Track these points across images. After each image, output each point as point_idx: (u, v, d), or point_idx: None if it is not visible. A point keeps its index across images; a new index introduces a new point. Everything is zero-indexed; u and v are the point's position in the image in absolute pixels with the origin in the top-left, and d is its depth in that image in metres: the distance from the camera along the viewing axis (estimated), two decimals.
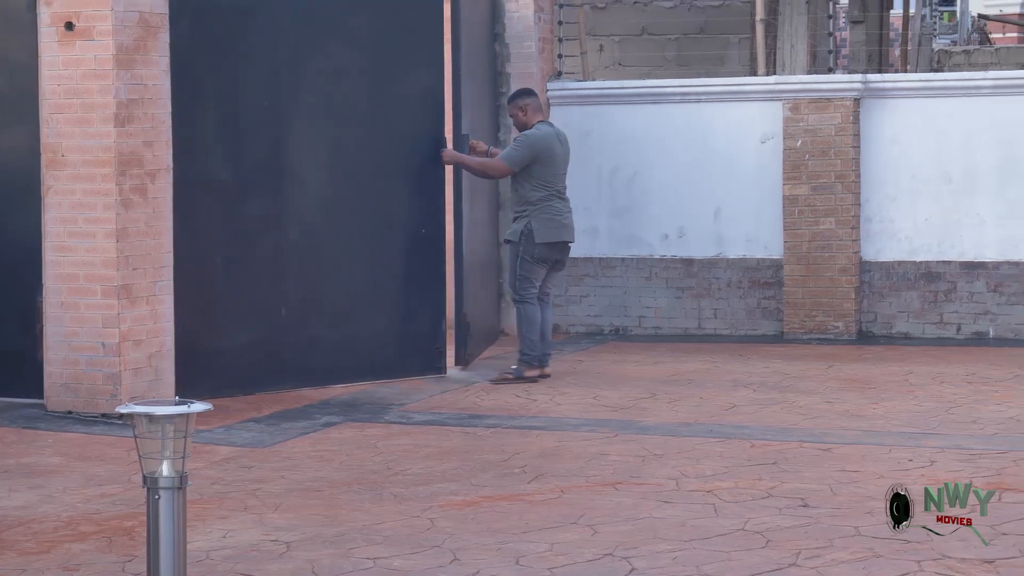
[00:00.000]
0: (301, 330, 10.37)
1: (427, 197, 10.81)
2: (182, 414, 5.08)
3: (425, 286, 10.81)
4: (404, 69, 10.73)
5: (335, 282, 10.51)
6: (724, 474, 7.70)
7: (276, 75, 10.20)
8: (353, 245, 10.57)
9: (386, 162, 10.67)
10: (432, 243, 10.83)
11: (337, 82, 10.49)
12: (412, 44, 10.76)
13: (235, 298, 10.06)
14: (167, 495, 5.11)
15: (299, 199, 10.39)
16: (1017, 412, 9.36)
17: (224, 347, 10.01)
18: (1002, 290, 12.51)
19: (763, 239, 12.96)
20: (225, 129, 10.02)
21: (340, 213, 10.52)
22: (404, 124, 10.73)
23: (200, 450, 8.18)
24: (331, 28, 10.47)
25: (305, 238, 10.38)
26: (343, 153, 10.53)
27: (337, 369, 10.48)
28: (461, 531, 6.65)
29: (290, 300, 10.32)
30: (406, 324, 10.80)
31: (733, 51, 16.71)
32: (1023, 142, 12.44)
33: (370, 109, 10.60)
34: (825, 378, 10.79)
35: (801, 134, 12.72)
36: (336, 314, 10.53)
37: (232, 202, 10.05)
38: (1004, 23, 29.92)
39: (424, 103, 10.81)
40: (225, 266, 10.02)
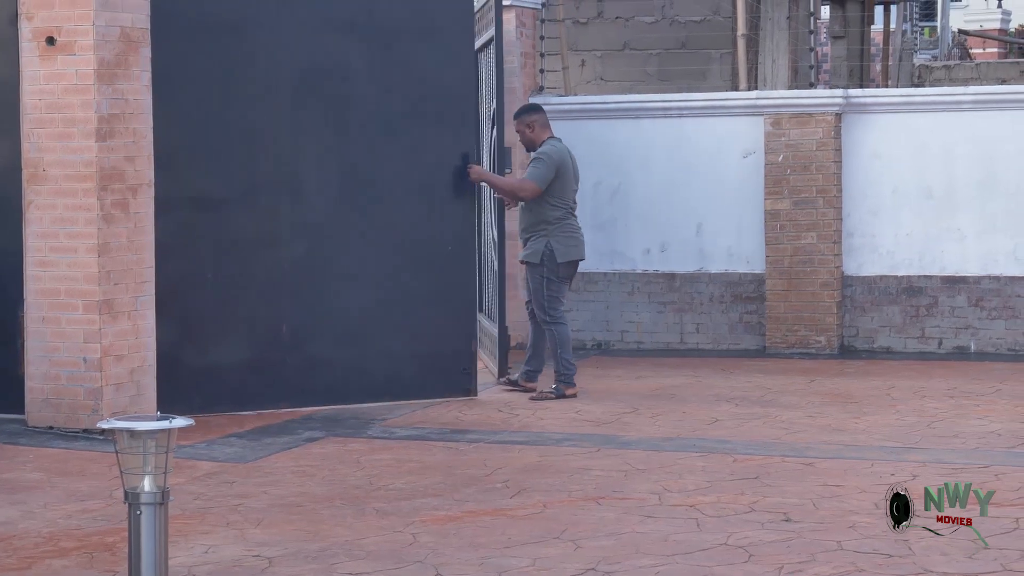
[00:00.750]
0: (304, 348, 10.14)
1: (453, 213, 10.42)
2: (163, 429, 5.07)
3: (450, 305, 10.42)
4: (425, 75, 10.33)
5: (344, 300, 10.21)
6: (706, 489, 7.70)
7: (275, 87, 10.02)
8: (366, 262, 10.25)
9: (405, 176, 10.32)
10: (459, 261, 10.49)
11: (347, 91, 10.17)
12: (436, 46, 10.35)
13: (228, 314, 9.94)
14: (148, 510, 5.10)
15: (301, 214, 10.13)
16: (998, 426, 9.38)
17: (217, 363, 9.89)
18: (983, 305, 12.54)
19: (745, 254, 12.98)
20: (215, 143, 9.89)
21: (351, 229, 10.22)
22: (425, 136, 10.35)
23: (182, 465, 8.16)
24: (339, 32, 10.17)
25: (309, 254, 10.13)
26: (354, 166, 10.23)
27: (346, 389, 10.20)
28: (443, 546, 6.64)
29: (291, 317, 10.10)
30: (427, 344, 10.38)
31: (715, 66, 16.74)
32: (1004, 157, 12.48)
33: (385, 119, 10.26)
34: (807, 392, 10.80)
35: (783, 149, 12.75)
36: (345, 332, 10.23)
37: (223, 217, 9.91)
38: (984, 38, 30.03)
39: (449, 113, 10.41)
40: (216, 282, 9.89)
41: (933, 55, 29.67)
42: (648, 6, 16.78)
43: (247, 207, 9.99)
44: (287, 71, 10.06)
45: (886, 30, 22.40)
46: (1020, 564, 6.13)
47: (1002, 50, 29.38)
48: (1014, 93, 13.21)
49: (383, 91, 10.23)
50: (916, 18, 25.20)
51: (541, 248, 10.57)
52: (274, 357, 10.06)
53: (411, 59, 10.26)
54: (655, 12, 16.85)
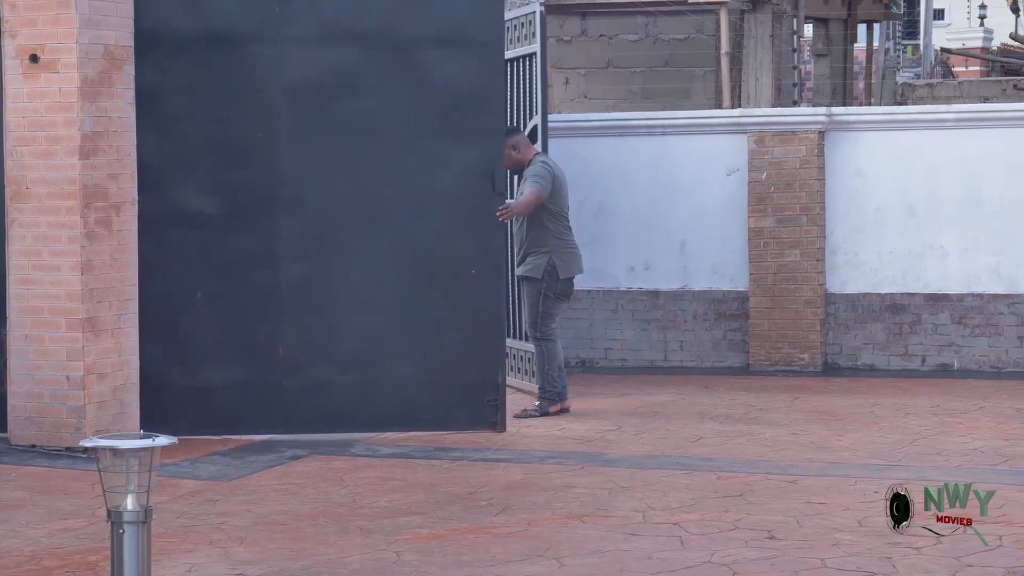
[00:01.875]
0: (304, 372, 9.76)
1: (478, 233, 9.81)
2: (146, 448, 5.07)
3: (473, 331, 9.80)
4: (448, 87, 9.81)
5: (350, 322, 9.78)
6: (690, 506, 7.70)
7: (275, 102, 9.72)
8: (375, 283, 9.78)
9: (423, 193, 9.80)
10: (485, 284, 9.83)
11: (357, 105, 9.75)
12: (462, 58, 9.81)
13: (219, 335, 9.72)
14: (131, 529, 5.09)
15: (300, 233, 9.76)
16: (981, 444, 9.39)
17: (206, 385, 9.68)
18: (966, 322, 12.56)
19: (729, 271, 13.00)
20: (207, 160, 9.74)
21: (358, 248, 9.80)
22: (448, 151, 9.80)
23: (165, 484, 8.13)
24: (349, 44, 9.77)
25: (309, 274, 9.74)
26: (364, 183, 9.78)
27: (350, 416, 9.76)
28: (427, 564, 6.63)
29: (288, 339, 9.73)
30: (445, 372, 9.81)
31: (698, 84, 16.79)
32: (986, 175, 12.52)
33: (401, 134, 9.78)
34: (791, 410, 10.81)
35: (766, 167, 12.77)
36: (351, 357, 9.80)
37: (214, 235, 9.71)
38: (967, 57, 30.12)
39: (474, 127, 9.81)
40: (207, 301, 9.70)
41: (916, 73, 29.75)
42: (632, 24, 16.82)
43: (241, 224, 9.76)
44: (288, 85, 9.72)
45: (869, 48, 22.48)
46: None
47: (984, 68, 29.47)
48: (997, 111, 13.26)
49: (399, 104, 9.76)
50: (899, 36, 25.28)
51: (543, 264, 10.50)
52: (270, 380, 9.73)
53: (432, 71, 9.79)
54: (639, 30, 16.90)
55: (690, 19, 16.78)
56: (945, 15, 42.61)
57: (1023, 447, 9.26)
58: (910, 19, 26.53)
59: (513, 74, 11.93)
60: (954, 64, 30.41)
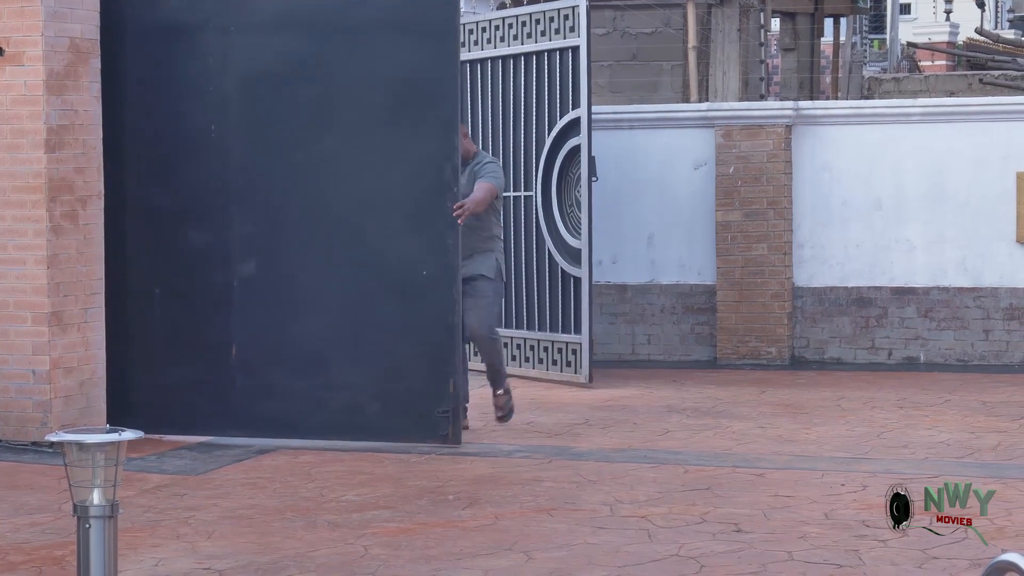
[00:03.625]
0: (256, 373, 9.41)
1: (429, 232, 9.21)
2: (113, 442, 5.04)
3: (424, 338, 9.22)
4: (402, 76, 9.26)
5: (302, 324, 9.36)
6: (658, 500, 7.71)
7: (227, 92, 9.47)
8: (326, 284, 9.34)
9: (375, 188, 9.28)
10: (437, 286, 9.19)
11: (308, 95, 9.34)
12: (416, 46, 9.24)
13: (175, 332, 9.57)
14: (98, 524, 5.06)
15: (253, 229, 9.43)
16: (947, 437, 9.43)
17: (164, 383, 9.55)
18: (932, 315, 12.61)
19: (696, 265, 13.02)
20: (161, 154, 9.62)
21: (308, 246, 9.37)
22: (402, 143, 9.24)
23: (132, 478, 8.11)
24: (300, 31, 9.39)
25: (260, 272, 9.40)
26: (315, 177, 9.34)
27: (301, 422, 9.35)
28: (395, 558, 6.63)
29: (240, 340, 9.41)
30: (397, 381, 9.27)
31: (666, 78, 16.80)
32: (952, 169, 12.57)
33: (354, 125, 9.30)
34: (758, 403, 10.83)
35: (733, 160, 12.80)
36: (302, 360, 9.37)
37: (170, 230, 9.57)
38: (933, 51, 30.22)
39: (429, 118, 9.23)
40: (163, 298, 9.58)
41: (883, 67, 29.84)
42: (599, 18, 16.82)
43: (196, 220, 9.56)
44: (240, 75, 9.48)
45: (836, 43, 22.53)
46: (968, 573, 6.17)
47: (950, 63, 29.58)
48: (962, 106, 13.31)
49: (351, 94, 9.32)
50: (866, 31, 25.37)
51: (494, 264, 9.98)
52: (223, 380, 9.44)
53: (386, 59, 9.26)
54: (606, 24, 16.90)
55: (657, 13, 16.79)
56: (911, 10, 42.76)
57: (988, 440, 9.30)
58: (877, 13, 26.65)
59: (549, 66, 11.96)
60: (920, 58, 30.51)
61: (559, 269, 12.04)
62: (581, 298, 11.82)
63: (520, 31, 12.20)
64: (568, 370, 11.87)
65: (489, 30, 12.48)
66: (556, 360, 11.94)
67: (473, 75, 12.64)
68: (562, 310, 12.02)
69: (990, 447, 9.09)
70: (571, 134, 11.85)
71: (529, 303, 12.27)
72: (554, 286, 12.12)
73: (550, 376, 11.99)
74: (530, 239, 12.24)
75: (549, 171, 12.09)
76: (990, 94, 20.59)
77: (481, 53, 12.52)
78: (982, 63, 24.94)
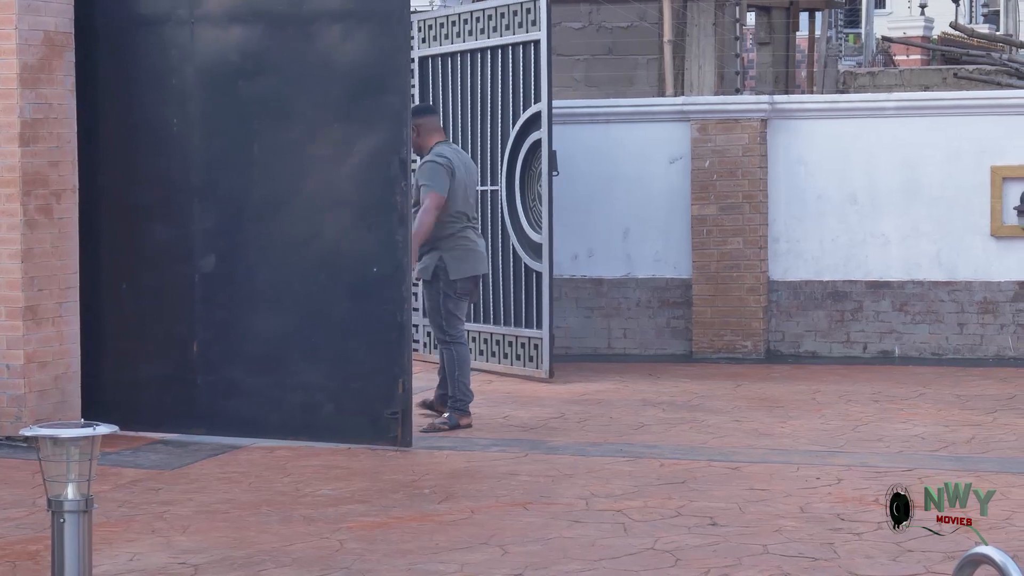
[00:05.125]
0: (217, 371, 9.30)
1: (380, 227, 9.02)
2: (87, 436, 5.03)
3: (374, 337, 9.04)
4: (352, 69, 9.11)
5: (259, 322, 9.25)
6: (633, 493, 7.72)
7: (187, 86, 9.37)
8: (283, 281, 9.20)
9: (327, 183, 9.17)
10: (387, 284, 9.00)
11: (263, 88, 9.22)
12: (366, 37, 9.11)
13: (141, 328, 9.50)
14: (72, 518, 5.05)
15: (213, 224, 9.35)
16: (922, 430, 9.46)
17: (131, 380, 9.48)
18: (907, 309, 12.64)
19: (672, 259, 13.03)
20: (132, 150, 9.57)
21: (265, 242, 9.25)
22: (351, 137, 9.12)
23: (106, 472, 8.09)
24: (255, 22, 9.27)
25: (220, 268, 9.30)
26: (272, 171, 9.23)
27: (260, 421, 9.23)
28: (371, 552, 6.63)
29: (202, 336, 9.31)
30: (350, 381, 9.10)
31: (641, 72, 16.81)
32: (927, 163, 12.59)
33: (306, 119, 9.20)
34: (733, 397, 10.85)
35: (709, 154, 12.81)
36: (260, 358, 9.25)
37: (136, 225, 9.52)
38: (908, 46, 30.27)
39: (379, 112, 9.06)
40: (130, 293, 9.51)
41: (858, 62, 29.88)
42: (575, 12, 16.82)
43: (160, 215, 9.47)
44: (199, 68, 9.36)
45: (811, 37, 22.56)
46: (942, 566, 6.19)
47: (925, 57, 29.63)
48: (937, 100, 13.35)
49: (304, 85, 9.18)
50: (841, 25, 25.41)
51: (433, 264, 9.67)
52: (187, 377, 9.34)
53: (338, 50, 9.15)
54: (582, 18, 16.90)
55: (633, 7, 16.79)
56: (886, 4, 42.83)
57: (963, 433, 9.34)
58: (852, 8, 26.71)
59: (512, 60, 11.95)
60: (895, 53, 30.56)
61: (522, 264, 12.03)
62: (543, 293, 11.79)
63: (487, 25, 12.19)
64: (531, 365, 11.84)
65: (459, 24, 12.48)
66: (520, 355, 11.92)
67: (438, 70, 12.63)
68: (525, 305, 11.99)
69: (964, 440, 9.12)
70: (533, 128, 11.84)
71: (495, 298, 12.24)
72: (517, 281, 12.09)
73: (513, 371, 11.97)
74: (496, 234, 12.20)
75: (513, 166, 12.10)
76: (965, 88, 20.64)
77: (446, 48, 12.51)
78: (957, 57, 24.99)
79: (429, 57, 12.67)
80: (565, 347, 13.09)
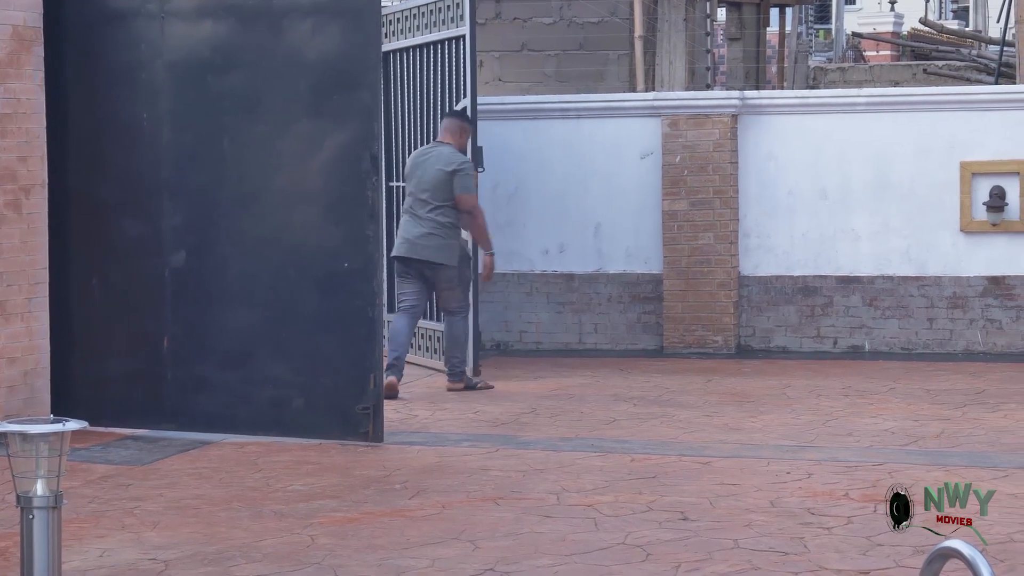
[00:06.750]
0: (187, 367, 9.29)
1: (350, 222, 9.03)
2: (57, 432, 5.01)
3: (344, 332, 9.03)
4: (322, 63, 9.08)
5: (229, 317, 9.24)
6: (604, 488, 7.73)
7: (156, 81, 9.35)
8: (253, 276, 9.20)
9: (296, 178, 9.15)
10: (358, 280, 8.99)
11: (232, 83, 9.21)
12: (336, 31, 9.08)
13: (111, 323, 9.47)
14: (41, 515, 5.03)
15: (183, 219, 9.32)
16: (892, 425, 9.49)
17: (101, 375, 9.46)
18: (877, 304, 12.68)
19: (643, 254, 13.05)
20: (101, 145, 9.52)
21: (235, 237, 9.24)
22: (321, 131, 9.10)
23: (77, 468, 8.07)
24: (224, 16, 9.24)
25: (190, 263, 9.27)
26: (241, 166, 9.23)
27: (230, 417, 9.21)
28: (342, 547, 6.62)
29: (172, 331, 9.29)
30: (319, 376, 9.09)
31: (612, 67, 16.82)
32: (897, 159, 12.64)
33: (275, 113, 9.17)
34: (704, 392, 10.87)
35: (680, 150, 12.83)
36: (229, 354, 9.24)
37: (107, 220, 9.49)
38: (878, 41, 30.38)
39: (349, 106, 9.04)
40: (100, 288, 9.47)
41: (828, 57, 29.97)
42: (546, 7, 16.83)
43: (131, 210, 9.44)
44: (169, 63, 9.31)
45: (782, 32, 22.62)
46: (912, 560, 6.21)
47: (895, 53, 29.75)
48: (907, 95, 13.39)
49: (275, 80, 9.18)
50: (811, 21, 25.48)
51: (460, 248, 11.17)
52: (156, 373, 9.34)
53: (309, 44, 9.11)
54: (553, 13, 16.90)
55: (604, 2, 16.80)
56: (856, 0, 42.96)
57: (932, 428, 9.37)
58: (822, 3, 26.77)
59: (440, 56, 11.93)
60: (865, 48, 30.67)
61: None
62: None
63: (420, 22, 12.18)
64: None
65: (395, 22, 12.49)
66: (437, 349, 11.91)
67: (388, 67, 12.62)
68: None
69: (934, 435, 9.16)
70: None
71: None
72: None
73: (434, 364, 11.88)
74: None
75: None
76: (934, 84, 20.72)
77: (390, 44, 12.49)
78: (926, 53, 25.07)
79: None
80: (536, 342, 13.11)
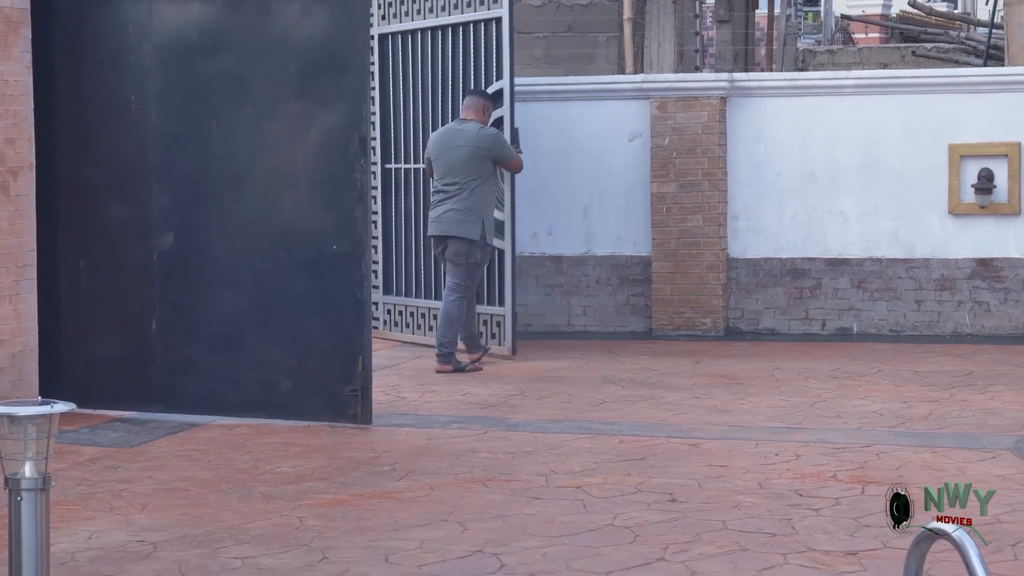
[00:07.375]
0: (176, 349, 9.29)
1: (338, 205, 9.01)
2: (44, 414, 5.00)
3: (333, 314, 9.03)
4: (309, 45, 9.05)
5: (217, 299, 9.24)
6: (593, 470, 7.73)
7: (143, 62, 9.32)
8: (241, 258, 9.19)
9: (285, 159, 9.13)
10: (346, 261, 8.99)
11: (219, 64, 9.17)
12: (323, 12, 9.05)
13: (99, 306, 9.47)
14: (29, 497, 5.03)
15: (170, 201, 9.30)
16: (880, 406, 9.51)
17: (89, 357, 9.46)
18: (865, 286, 12.70)
19: (632, 236, 13.05)
20: (89, 127, 9.49)
21: (222, 219, 9.22)
22: (309, 114, 9.10)
23: (65, 451, 8.07)
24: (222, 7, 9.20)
25: (178, 245, 9.27)
26: (229, 148, 9.21)
27: (218, 399, 9.21)
28: (330, 529, 6.62)
29: (160, 313, 9.29)
30: (308, 358, 9.09)
31: (601, 50, 16.80)
32: (885, 141, 12.64)
33: (263, 95, 9.15)
34: (693, 374, 10.88)
35: (669, 132, 12.82)
36: (218, 336, 9.24)
37: (95, 203, 9.47)
38: (866, 23, 30.38)
39: (337, 88, 9.02)
40: (88, 271, 9.47)
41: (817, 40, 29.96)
42: None
43: (119, 192, 9.43)
44: (157, 45, 9.29)
45: (771, 15, 22.62)
46: (899, 541, 6.22)
47: (884, 35, 29.76)
48: (895, 78, 13.40)
49: (263, 62, 9.15)
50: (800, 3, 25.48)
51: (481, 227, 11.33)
52: (145, 355, 9.34)
53: (297, 26, 9.10)
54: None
55: None
56: None
57: (920, 409, 9.39)
58: None
59: (474, 38, 11.91)
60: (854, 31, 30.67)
61: None
62: (505, 270, 11.81)
63: (447, 2, 12.16)
64: (492, 342, 11.86)
65: (419, 1, 12.43)
66: (482, 331, 11.92)
67: (399, 47, 12.60)
68: (487, 282, 11.99)
69: (922, 416, 9.18)
70: (496, 106, 11.83)
71: None
72: None
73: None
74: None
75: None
76: (923, 66, 20.72)
77: (407, 25, 12.46)
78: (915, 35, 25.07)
79: (389, 35, 12.63)
80: (525, 324, 13.11)
